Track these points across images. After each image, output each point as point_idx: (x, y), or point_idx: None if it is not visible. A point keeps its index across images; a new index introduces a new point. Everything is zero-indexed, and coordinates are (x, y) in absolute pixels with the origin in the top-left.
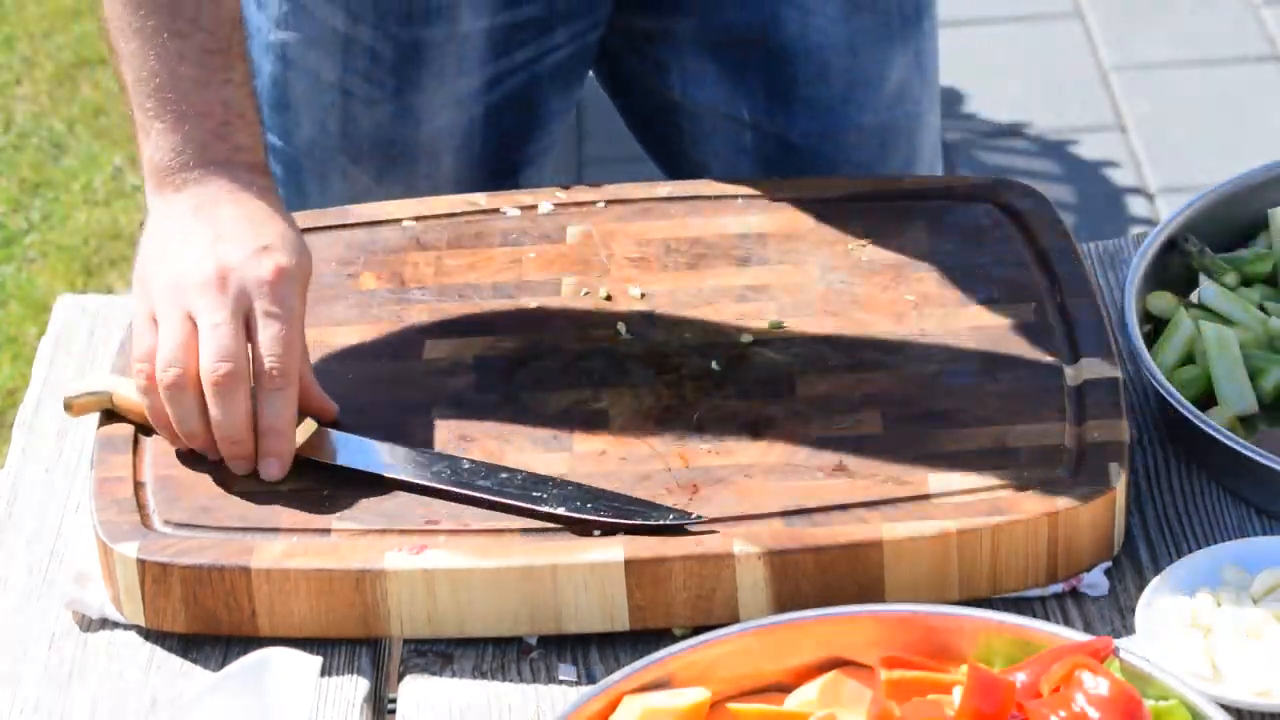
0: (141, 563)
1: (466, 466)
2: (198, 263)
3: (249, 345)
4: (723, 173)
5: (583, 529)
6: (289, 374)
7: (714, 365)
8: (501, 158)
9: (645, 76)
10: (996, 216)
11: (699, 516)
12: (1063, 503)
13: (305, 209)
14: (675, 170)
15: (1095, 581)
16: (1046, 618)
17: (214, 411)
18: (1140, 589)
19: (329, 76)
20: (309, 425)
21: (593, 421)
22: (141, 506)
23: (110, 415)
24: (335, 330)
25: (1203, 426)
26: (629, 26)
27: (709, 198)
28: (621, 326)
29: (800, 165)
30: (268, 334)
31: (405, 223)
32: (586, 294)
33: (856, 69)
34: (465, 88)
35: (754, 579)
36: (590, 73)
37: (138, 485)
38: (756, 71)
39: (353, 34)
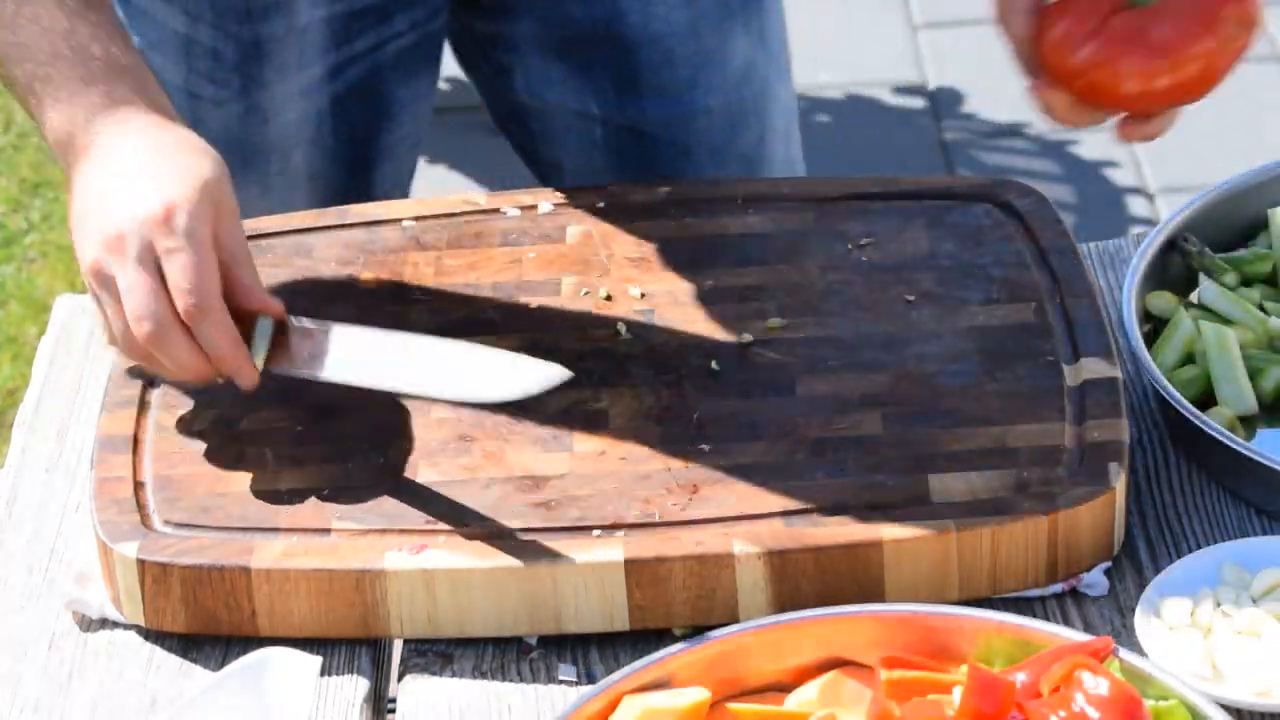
0: (141, 563)
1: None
2: (95, 234)
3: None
4: (577, 169)
5: (583, 529)
6: (205, 302)
7: (714, 365)
8: (354, 150)
9: (494, 79)
10: (996, 216)
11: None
12: (1063, 503)
13: None
14: (535, 168)
15: (1095, 581)
16: (1046, 618)
17: (164, 358)
18: (1140, 589)
19: (174, 80)
20: (265, 327)
21: (593, 421)
22: (141, 506)
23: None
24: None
25: (1203, 426)
26: (471, 29)
27: (709, 198)
28: (621, 326)
29: (653, 153)
30: (172, 270)
31: (405, 223)
32: (586, 294)
33: (701, 53)
34: (308, 79)
35: (754, 579)
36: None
37: (138, 485)
38: (602, 65)
39: (193, 35)
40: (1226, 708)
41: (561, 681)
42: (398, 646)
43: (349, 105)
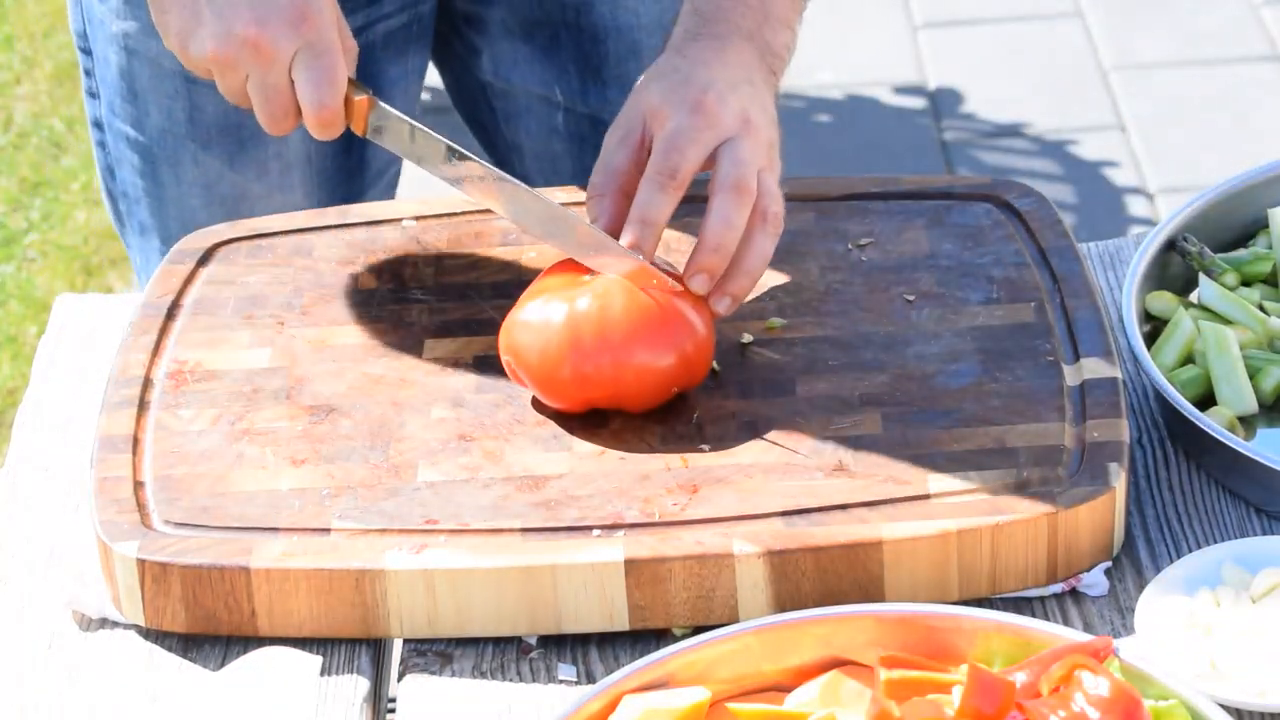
0: (141, 562)
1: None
2: (219, 27)
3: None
4: (536, 152)
5: (582, 529)
6: (332, 115)
7: (714, 365)
8: (348, 132)
9: (462, 58)
10: (996, 216)
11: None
12: (1063, 503)
13: (163, 198)
14: (493, 149)
15: (1095, 581)
16: (1046, 618)
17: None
18: (1140, 589)
19: (170, 64)
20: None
21: (593, 421)
22: (141, 506)
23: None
24: (336, 330)
25: (1202, 426)
26: (451, 7)
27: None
28: None
29: None
30: (304, 78)
31: (405, 223)
32: None
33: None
34: None
35: (754, 579)
36: None
37: (138, 485)
38: (568, 52)
39: None
40: (1226, 708)
41: (561, 681)
42: (398, 646)
43: None
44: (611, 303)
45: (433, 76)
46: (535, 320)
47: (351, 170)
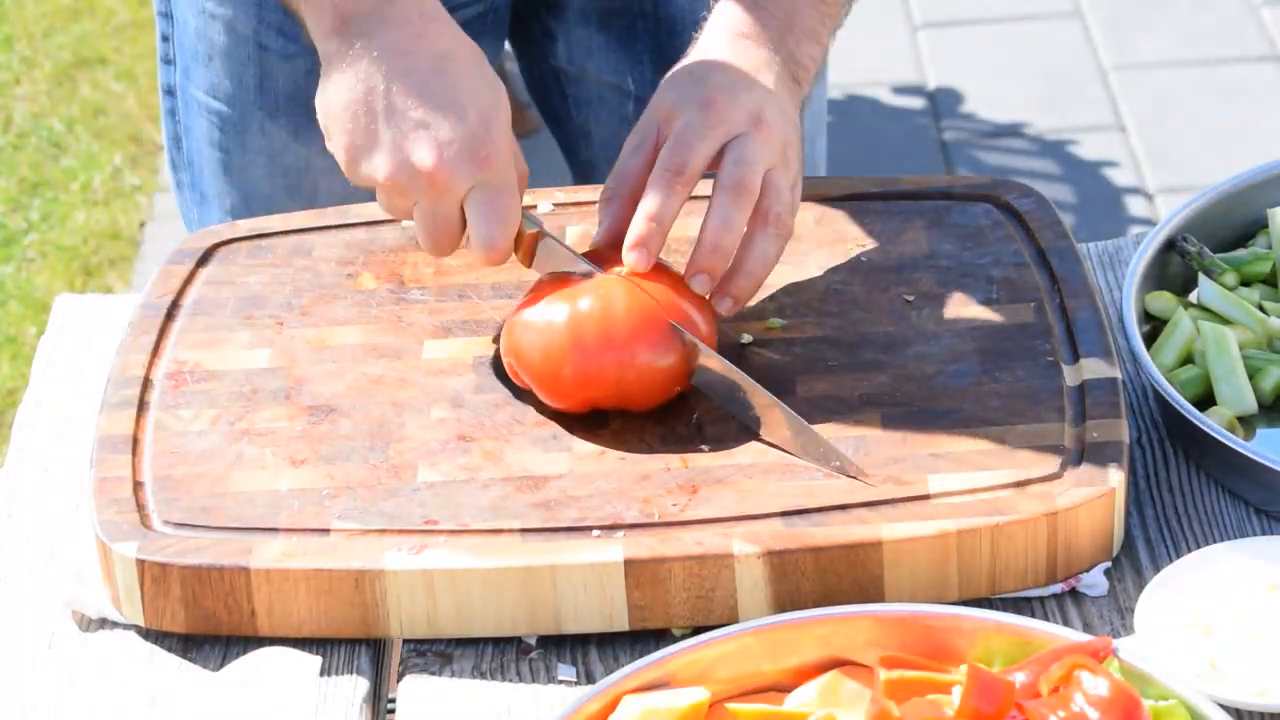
0: (141, 563)
1: None
2: (393, 153)
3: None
4: (605, 139)
5: (582, 529)
6: (501, 253)
7: None
8: None
9: (538, 42)
10: (996, 216)
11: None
12: (1062, 503)
13: (229, 165)
14: (562, 134)
15: (1095, 581)
16: (1046, 618)
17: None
18: (1140, 589)
19: (244, 30)
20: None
21: (593, 421)
22: (141, 506)
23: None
24: (335, 330)
25: (1202, 426)
26: None
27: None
28: None
29: None
30: (478, 216)
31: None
32: None
33: None
34: None
35: (753, 579)
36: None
37: (137, 485)
38: (644, 43)
39: None
40: (1226, 708)
41: (561, 681)
42: (398, 646)
43: None
44: (613, 302)
45: None
46: (537, 320)
47: None
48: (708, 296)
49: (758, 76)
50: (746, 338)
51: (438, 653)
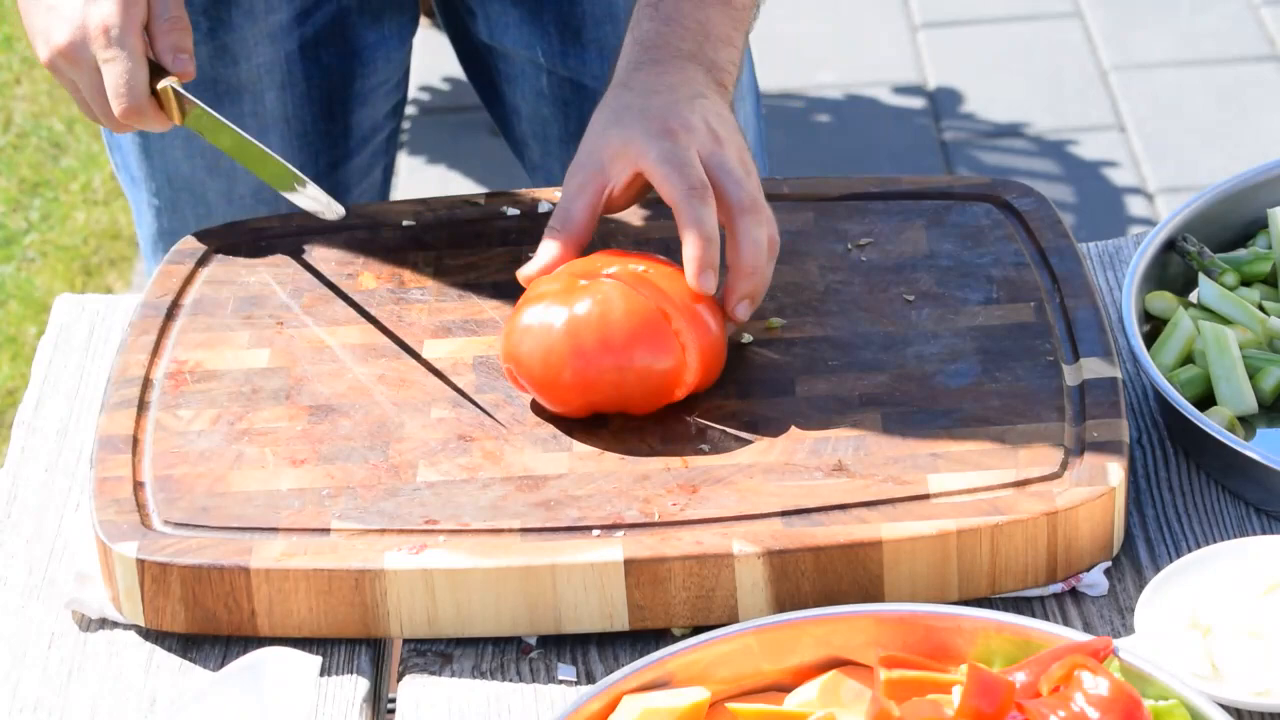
0: (141, 562)
1: None
2: (45, 44)
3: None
4: (529, 115)
5: (582, 529)
6: (134, 103)
7: None
8: (329, 95)
9: (462, 20)
10: (996, 216)
11: None
12: (1062, 503)
13: (149, 149)
14: (496, 114)
15: (1095, 581)
16: (1046, 618)
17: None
18: (1140, 589)
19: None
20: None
21: (592, 421)
22: (141, 506)
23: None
24: (335, 330)
25: (1202, 426)
26: None
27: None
28: None
29: (593, 108)
30: (108, 77)
31: (405, 222)
32: None
33: None
34: (276, 23)
35: (753, 579)
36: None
37: (137, 485)
38: (550, 14)
39: None
40: (1226, 708)
41: (561, 681)
42: (398, 646)
43: (318, 49)
44: (611, 306)
45: (429, 76)
46: (535, 325)
47: (335, 135)
48: (733, 310)
49: (690, 91)
50: (747, 338)
51: (438, 653)
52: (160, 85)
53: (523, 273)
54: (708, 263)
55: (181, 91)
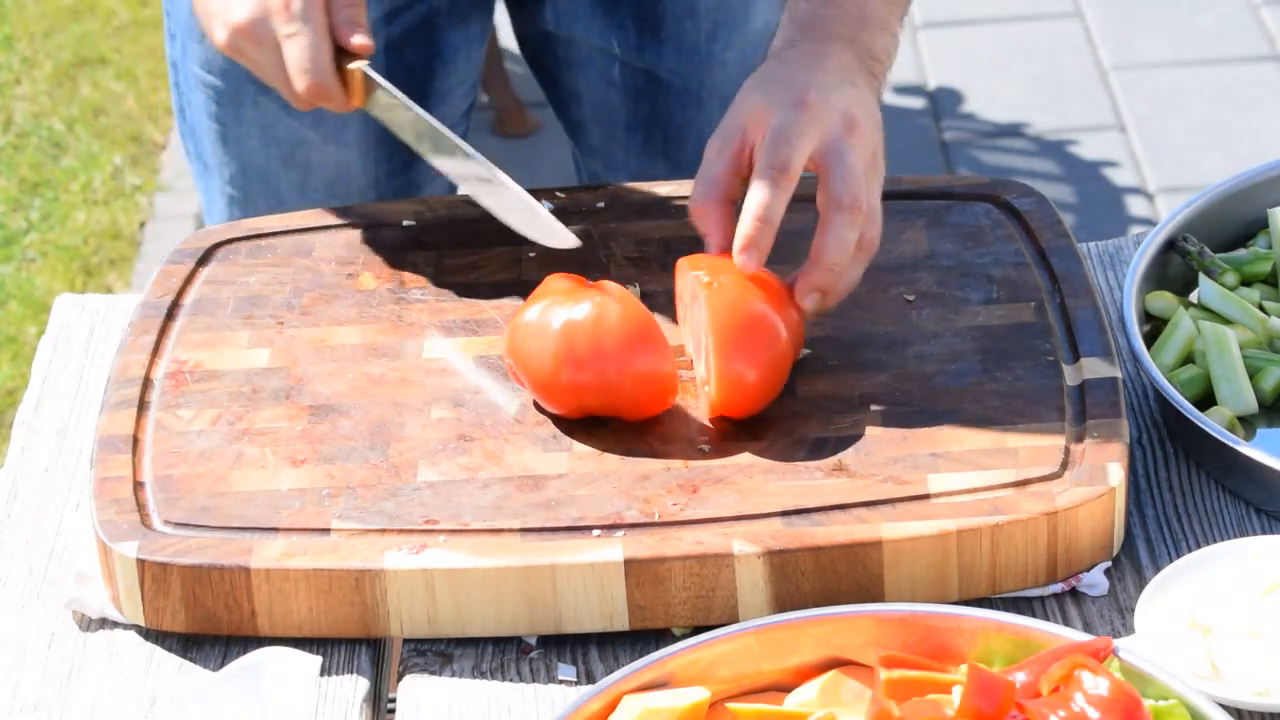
0: (141, 562)
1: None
2: (222, 24)
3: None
4: (593, 101)
5: (582, 529)
6: (318, 79)
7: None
8: (409, 93)
9: (529, 7)
10: (996, 216)
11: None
12: (1062, 503)
13: (225, 137)
14: (554, 96)
15: (1095, 581)
16: (1046, 618)
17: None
18: (1140, 589)
19: None
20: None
21: (592, 421)
22: (141, 506)
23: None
24: (335, 330)
25: (1202, 426)
26: None
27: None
28: None
29: (667, 98)
30: (289, 53)
31: (405, 223)
32: None
33: (723, 8)
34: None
35: (753, 579)
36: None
37: (137, 485)
38: (627, 7)
39: None
40: (1226, 708)
41: (561, 681)
42: (398, 646)
43: (403, 48)
44: (607, 313)
45: None
46: (535, 325)
47: None
48: (800, 296)
49: (843, 77)
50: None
51: (438, 653)
52: (350, 66)
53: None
54: (752, 242)
55: (371, 74)
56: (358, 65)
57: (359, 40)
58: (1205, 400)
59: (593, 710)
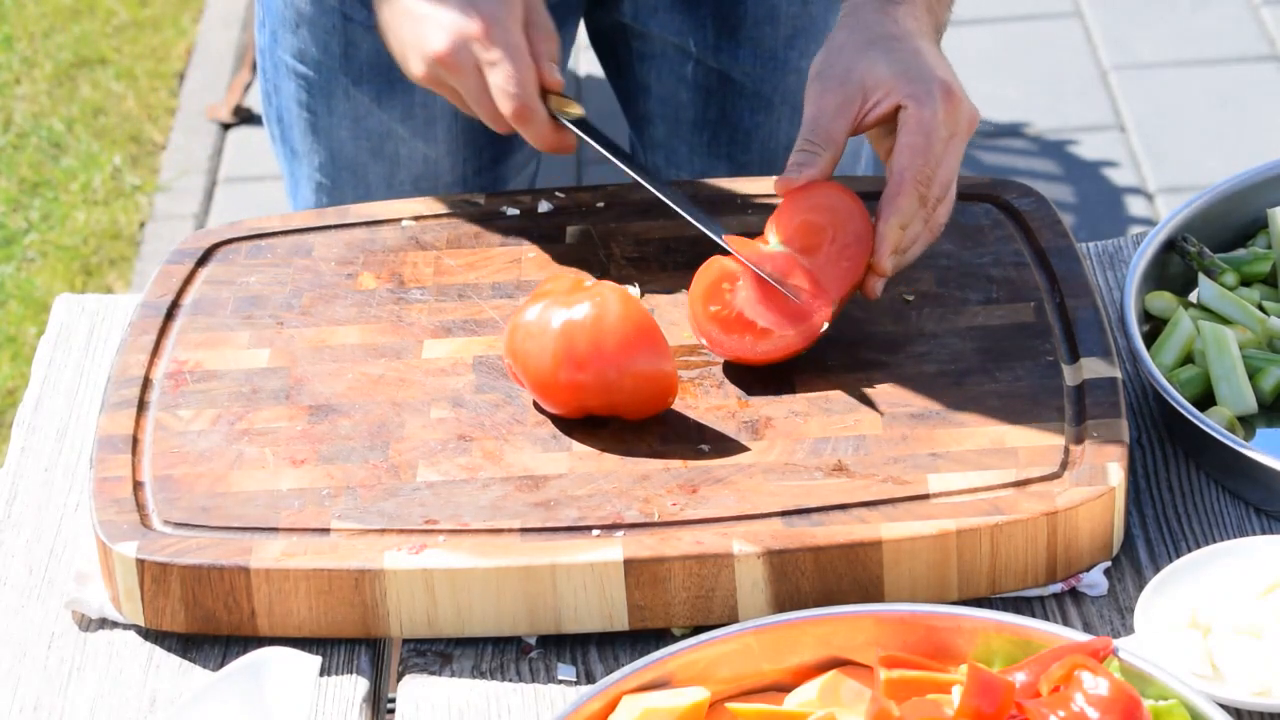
0: (141, 562)
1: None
2: (418, 54)
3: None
4: (662, 96)
5: (582, 529)
6: (526, 103)
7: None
8: None
9: (605, 1)
10: (996, 216)
11: None
12: (1062, 502)
13: (315, 126)
14: (621, 86)
15: (1095, 581)
16: (1046, 618)
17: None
18: (1140, 589)
19: (330, 0)
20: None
21: (592, 421)
22: (141, 506)
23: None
24: (335, 330)
25: (1202, 426)
26: None
27: (709, 198)
28: None
29: (738, 100)
30: (494, 79)
31: (405, 222)
32: None
33: (804, 15)
34: None
35: (753, 579)
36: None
37: (137, 485)
38: (708, 7)
39: None
40: (1226, 708)
41: (561, 681)
42: (397, 646)
43: None
44: (607, 313)
45: None
46: (534, 325)
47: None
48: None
49: (921, 41)
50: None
51: (438, 653)
52: (561, 119)
53: (780, 181)
54: (895, 249)
55: (571, 128)
56: (566, 116)
57: (553, 77)
58: (1205, 400)
59: (593, 710)
